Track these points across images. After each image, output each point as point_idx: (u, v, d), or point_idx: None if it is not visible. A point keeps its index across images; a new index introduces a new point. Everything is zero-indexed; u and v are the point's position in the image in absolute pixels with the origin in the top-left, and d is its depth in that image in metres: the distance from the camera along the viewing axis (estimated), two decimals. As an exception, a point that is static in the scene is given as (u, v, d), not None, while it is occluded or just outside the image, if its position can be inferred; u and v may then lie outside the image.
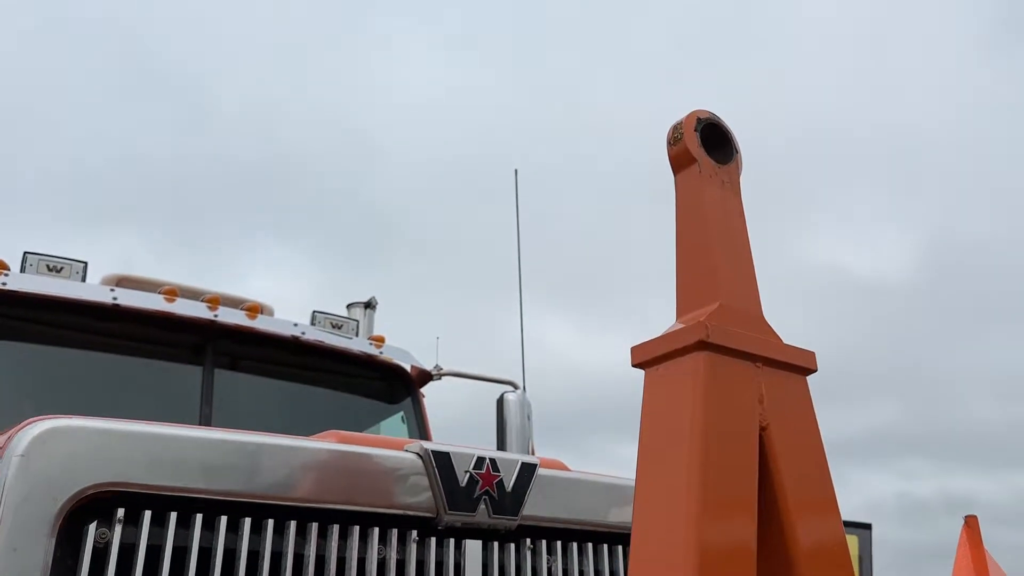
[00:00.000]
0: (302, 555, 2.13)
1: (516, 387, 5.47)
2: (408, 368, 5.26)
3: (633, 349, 1.89)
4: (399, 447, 2.40)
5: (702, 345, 1.70)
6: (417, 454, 2.36)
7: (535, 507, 2.46)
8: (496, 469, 2.42)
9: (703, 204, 1.93)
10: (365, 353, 5.06)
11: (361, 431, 5.44)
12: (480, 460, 2.41)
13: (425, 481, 2.34)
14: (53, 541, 1.86)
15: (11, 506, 1.84)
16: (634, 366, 1.89)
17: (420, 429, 5.18)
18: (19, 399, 4.36)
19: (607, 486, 2.72)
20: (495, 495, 2.39)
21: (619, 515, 2.66)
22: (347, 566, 2.17)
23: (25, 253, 4.17)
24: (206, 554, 2.01)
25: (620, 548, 2.60)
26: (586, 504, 2.61)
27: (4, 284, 3.96)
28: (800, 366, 1.78)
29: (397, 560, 2.24)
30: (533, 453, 5.39)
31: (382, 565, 2.22)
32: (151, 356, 4.47)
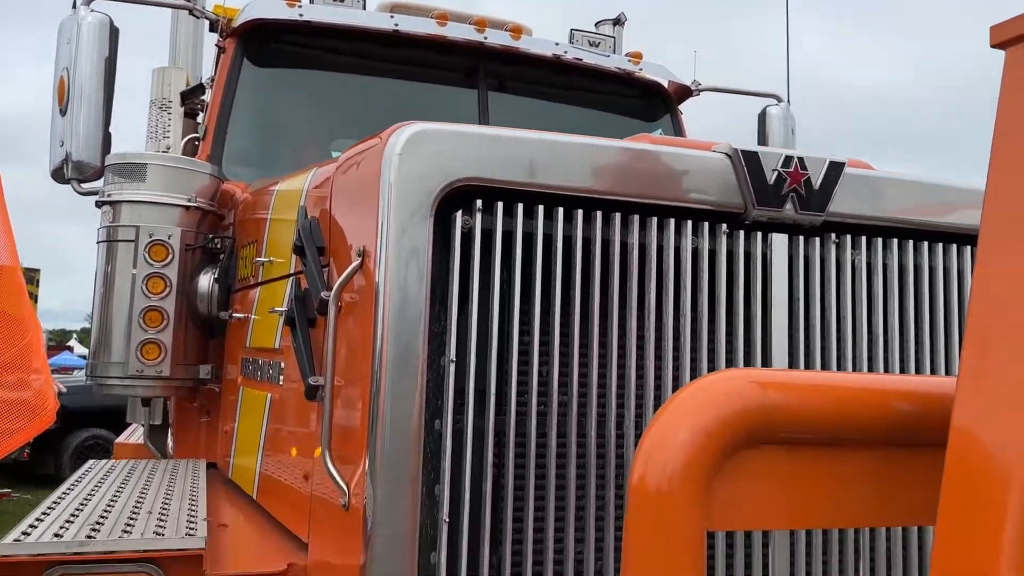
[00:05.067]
0: (626, 243, 2.37)
1: (779, 100, 5.29)
2: (666, 84, 5.22)
3: (993, 28, 1.76)
4: (707, 148, 2.49)
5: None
6: (726, 154, 2.46)
7: (841, 204, 2.51)
8: (804, 168, 2.47)
9: None
10: (623, 70, 5.07)
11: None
12: (788, 159, 2.46)
13: (734, 179, 2.44)
14: (431, 223, 2.22)
15: (396, 196, 2.20)
16: (993, 46, 1.78)
17: (678, 145, 5.24)
18: (318, 121, 4.92)
19: (914, 184, 2.68)
20: (802, 192, 2.46)
21: (925, 213, 2.65)
22: (664, 253, 2.39)
23: None
24: (548, 240, 2.30)
25: (925, 244, 2.62)
26: (892, 202, 2.61)
27: (300, 16, 4.31)
28: None
29: (709, 250, 2.43)
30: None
31: (695, 254, 2.42)
32: (428, 80, 4.79)
